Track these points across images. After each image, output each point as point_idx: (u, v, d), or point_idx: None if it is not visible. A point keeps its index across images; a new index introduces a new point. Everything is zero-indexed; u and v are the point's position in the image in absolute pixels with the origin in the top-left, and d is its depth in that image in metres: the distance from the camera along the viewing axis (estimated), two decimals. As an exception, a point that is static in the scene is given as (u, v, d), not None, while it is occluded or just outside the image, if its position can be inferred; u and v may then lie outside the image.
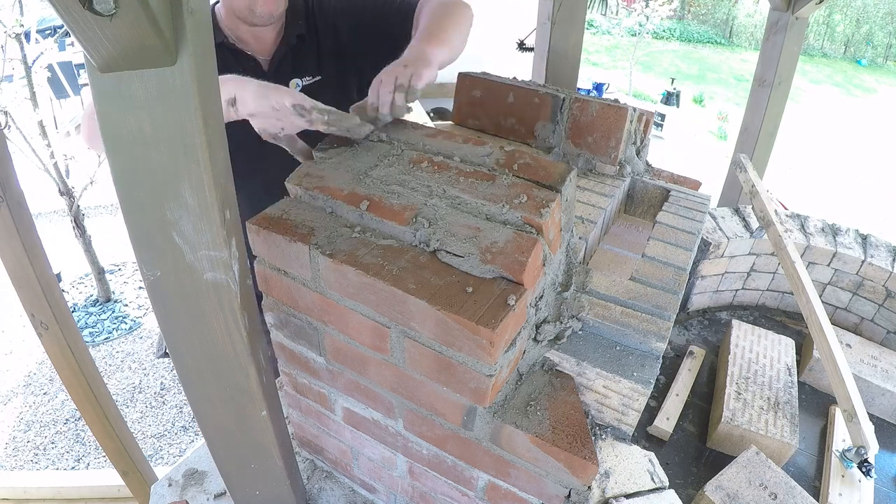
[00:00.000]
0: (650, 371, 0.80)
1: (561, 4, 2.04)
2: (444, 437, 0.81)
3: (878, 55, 16.13)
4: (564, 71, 2.20)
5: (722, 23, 17.08)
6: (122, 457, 2.03)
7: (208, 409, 0.86)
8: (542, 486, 0.76)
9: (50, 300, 1.61)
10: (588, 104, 1.21)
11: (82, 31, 0.48)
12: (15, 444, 3.10)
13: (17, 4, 3.13)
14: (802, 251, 1.75)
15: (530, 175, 0.78)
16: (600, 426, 0.87)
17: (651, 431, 1.41)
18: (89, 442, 3.08)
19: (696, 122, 10.12)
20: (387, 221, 0.73)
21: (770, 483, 1.14)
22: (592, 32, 15.10)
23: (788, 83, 2.32)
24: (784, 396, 1.40)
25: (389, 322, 0.71)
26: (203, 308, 0.71)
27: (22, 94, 3.36)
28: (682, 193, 1.29)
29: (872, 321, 1.75)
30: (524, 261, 0.67)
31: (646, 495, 0.80)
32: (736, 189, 2.48)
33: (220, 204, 0.64)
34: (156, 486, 1.07)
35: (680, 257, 1.03)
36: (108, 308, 4.15)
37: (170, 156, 0.60)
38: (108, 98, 0.57)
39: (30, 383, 3.53)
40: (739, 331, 1.62)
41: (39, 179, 3.48)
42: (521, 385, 0.79)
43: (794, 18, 2.14)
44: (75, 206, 3.69)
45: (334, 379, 0.87)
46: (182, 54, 0.54)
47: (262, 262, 0.79)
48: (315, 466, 1.13)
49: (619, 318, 0.86)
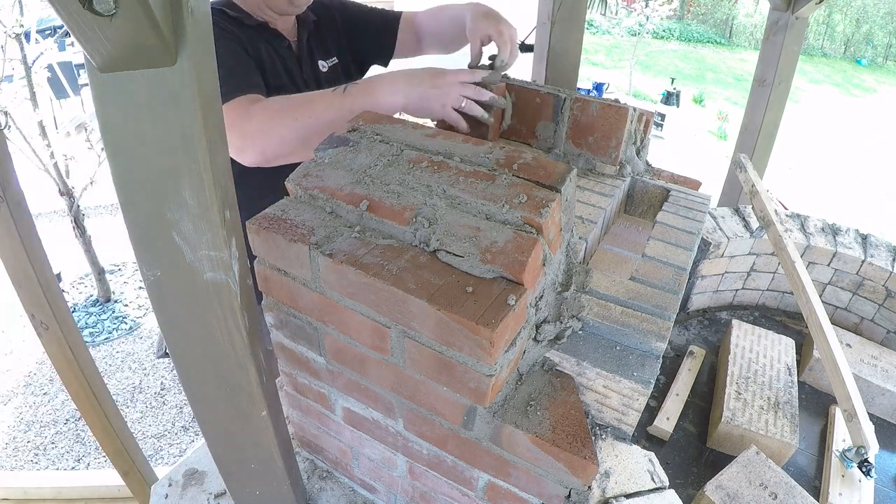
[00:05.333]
0: (650, 371, 0.80)
1: (561, 4, 2.04)
2: (444, 437, 0.81)
3: (878, 55, 16.14)
4: (564, 71, 2.20)
5: (722, 22, 17.09)
6: (122, 457, 2.03)
7: (208, 409, 0.86)
8: (543, 486, 0.76)
9: (50, 300, 1.61)
10: (589, 104, 1.21)
11: (82, 31, 0.48)
12: (15, 444, 3.10)
13: (17, 4, 3.13)
14: (802, 251, 1.75)
15: (530, 175, 0.78)
16: (600, 426, 0.87)
17: (651, 431, 1.41)
18: (89, 442, 3.09)
19: (696, 122, 10.12)
20: (387, 221, 0.73)
21: (770, 483, 1.14)
22: (592, 32, 15.10)
23: (788, 83, 2.32)
24: (784, 396, 1.40)
25: (389, 322, 0.71)
26: (203, 308, 0.71)
27: (22, 94, 3.36)
28: (682, 193, 1.29)
29: (872, 321, 1.75)
30: (524, 261, 0.67)
31: (646, 495, 0.80)
32: (736, 189, 2.48)
33: (220, 204, 0.64)
34: (156, 486, 1.07)
35: (680, 257, 1.03)
36: (108, 308, 4.15)
37: (170, 156, 0.60)
38: (108, 98, 0.57)
39: (30, 383, 3.53)
40: (739, 331, 1.62)
41: (39, 179, 3.48)
42: (521, 385, 0.79)
43: (794, 18, 2.14)
44: (75, 206, 3.69)
45: (334, 379, 0.87)
46: (182, 54, 0.54)
47: (262, 262, 0.79)
48: (315, 466, 1.13)
49: (619, 318, 0.86)
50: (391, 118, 0.94)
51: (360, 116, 0.95)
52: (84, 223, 3.85)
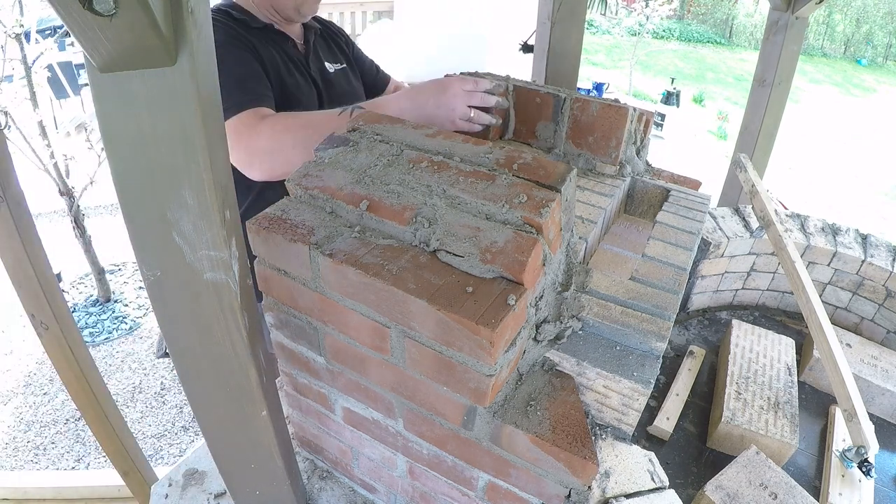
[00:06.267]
0: (650, 371, 0.80)
1: (561, 4, 2.04)
2: (444, 437, 0.81)
3: (878, 55, 16.13)
4: (564, 71, 2.20)
5: (721, 22, 17.08)
6: (122, 457, 2.03)
7: (208, 409, 0.86)
8: (543, 486, 0.76)
9: (50, 300, 1.61)
10: (589, 104, 1.21)
11: (82, 31, 0.48)
12: (15, 444, 3.10)
13: (17, 4, 3.13)
14: (802, 251, 1.75)
15: (530, 175, 0.78)
16: (600, 426, 0.87)
17: (651, 431, 1.41)
18: (89, 442, 3.08)
19: (696, 122, 10.12)
20: (387, 221, 0.73)
21: (770, 483, 1.14)
22: (592, 32, 15.10)
23: (788, 83, 2.32)
24: (784, 396, 1.40)
25: (389, 322, 0.71)
26: (203, 308, 0.71)
27: (22, 94, 3.36)
28: (682, 193, 1.29)
29: (872, 321, 1.75)
30: (524, 260, 0.67)
31: (646, 495, 0.80)
32: (736, 189, 2.48)
33: (220, 204, 0.64)
34: (156, 486, 1.07)
35: (680, 257, 1.03)
36: (108, 308, 4.15)
37: (170, 156, 0.60)
38: (108, 98, 0.57)
39: (30, 383, 3.53)
40: (739, 330, 1.62)
41: (39, 179, 3.47)
42: (521, 385, 0.79)
43: (794, 18, 2.14)
44: (75, 206, 3.69)
45: (334, 379, 0.87)
46: (182, 54, 0.54)
47: (262, 262, 0.79)
48: (315, 466, 1.13)
49: (619, 318, 0.86)
50: (391, 118, 0.94)
51: (360, 116, 0.95)
52: (84, 223, 3.85)
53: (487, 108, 1.20)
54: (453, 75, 1.23)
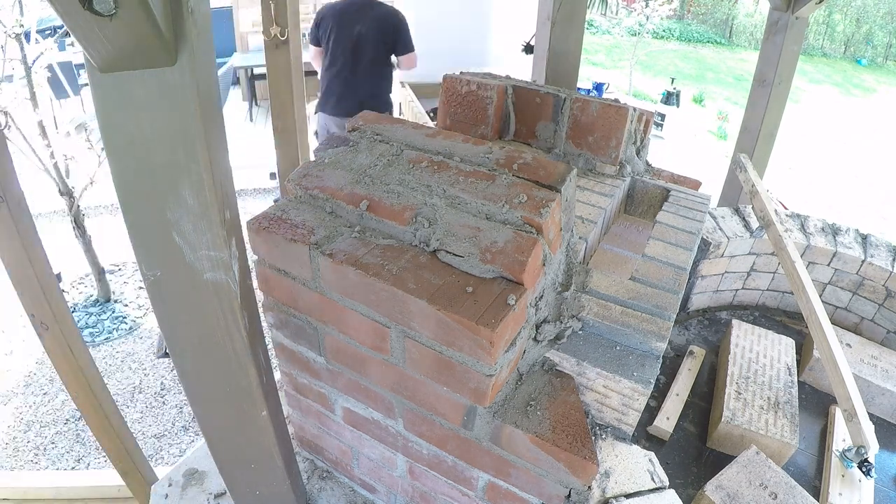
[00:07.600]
0: (650, 371, 0.80)
1: (561, 4, 2.04)
2: (444, 437, 0.81)
3: (878, 55, 16.12)
4: (564, 71, 2.19)
5: (722, 22, 17.07)
6: (122, 457, 2.03)
7: (208, 409, 0.85)
8: (543, 486, 0.76)
9: (50, 300, 1.61)
10: (589, 104, 1.21)
11: (82, 31, 0.48)
12: (15, 444, 3.10)
13: (17, 4, 3.13)
14: (802, 251, 1.75)
15: (530, 175, 0.78)
16: (600, 426, 0.87)
17: (651, 431, 1.41)
18: (89, 442, 3.08)
19: (696, 122, 10.11)
20: (387, 221, 0.73)
21: (770, 483, 1.14)
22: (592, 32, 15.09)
23: (788, 83, 2.32)
24: (784, 396, 1.40)
25: (389, 322, 0.71)
26: (203, 308, 0.71)
27: (22, 94, 3.35)
28: (682, 193, 1.29)
29: (872, 321, 1.75)
30: (524, 261, 0.67)
31: (646, 495, 0.80)
32: (736, 189, 2.48)
33: (220, 204, 0.64)
34: (156, 486, 1.07)
35: (680, 257, 1.03)
36: (108, 308, 4.15)
37: (170, 156, 0.60)
38: (108, 98, 0.57)
39: (30, 383, 3.53)
40: (739, 330, 1.62)
41: (39, 179, 3.47)
42: (521, 385, 0.79)
43: (794, 18, 2.14)
44: (75, 206, 3.68)
45: (334, 379, 0.87)
46: (182, 54, 0.54)
47: (262, 262, 0.79)
48: (315, 466, 1.13)
49: (619, 318, 0.86)
50: (391, 118, 0.94)
51: (360, 116, 0.95)
52: (84, 223, 3.85)
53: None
54: (453, 75, 1.22)
